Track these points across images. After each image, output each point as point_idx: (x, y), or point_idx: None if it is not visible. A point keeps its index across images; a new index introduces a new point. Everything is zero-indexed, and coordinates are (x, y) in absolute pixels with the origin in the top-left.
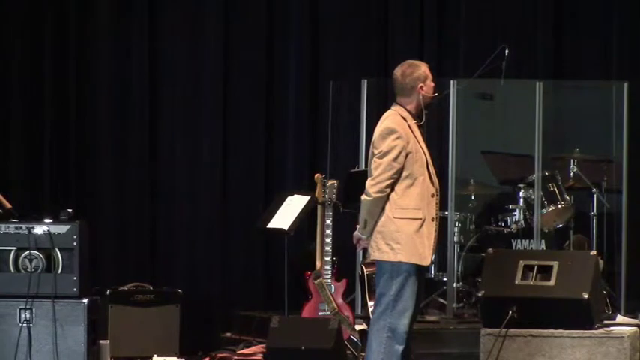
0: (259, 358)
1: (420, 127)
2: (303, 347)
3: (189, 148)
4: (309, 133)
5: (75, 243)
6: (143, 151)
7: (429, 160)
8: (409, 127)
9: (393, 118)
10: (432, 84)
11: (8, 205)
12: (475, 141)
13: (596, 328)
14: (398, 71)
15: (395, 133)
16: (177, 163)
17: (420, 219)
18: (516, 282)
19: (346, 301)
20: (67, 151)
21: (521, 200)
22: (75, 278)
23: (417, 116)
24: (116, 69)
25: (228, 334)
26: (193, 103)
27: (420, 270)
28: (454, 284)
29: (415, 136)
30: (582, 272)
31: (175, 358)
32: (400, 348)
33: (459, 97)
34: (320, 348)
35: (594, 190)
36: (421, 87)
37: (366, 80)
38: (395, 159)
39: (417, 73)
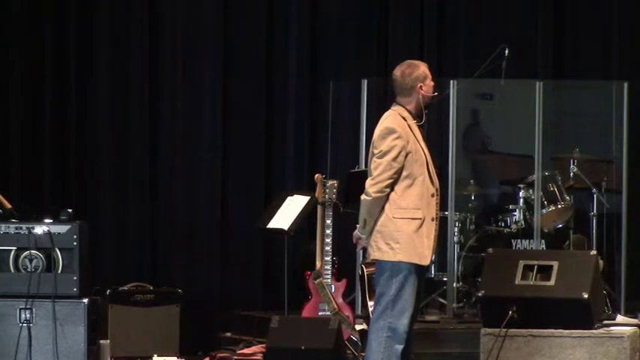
0: (259, 358)
1: (419, 126)
2: (303, 347)
3: (189, 148)
4: (309, 133)
5: (75, 243)
6: (143, 151)
7: (429, 160)
8: (409, 126)
9: (393, 118)
10: (432, 84)
11: (8, 205)
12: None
13: (596, 328)
14: (397, 71)
15: (394, 132)
16: (177, 163)
17: (420, 219)
18: (516, 282)
19: (346, 301)
20: (67, 151)
21: (521, 200)
22: (75, 278)
23: (416, 116)
24: (116, 69)
25: (228, 334)
26: (194, 103)
27: (419, 270)
28: (454, 284)
29: (415, 136)
30: (582, 272)
31: (175, 358)
32: (400, 348)
33: (459, 97)
34: (320, 348)
35: (594, 190)
36: (420, 87)
37: (366, 80)
38: (394, 158)
39: (417, 73)
